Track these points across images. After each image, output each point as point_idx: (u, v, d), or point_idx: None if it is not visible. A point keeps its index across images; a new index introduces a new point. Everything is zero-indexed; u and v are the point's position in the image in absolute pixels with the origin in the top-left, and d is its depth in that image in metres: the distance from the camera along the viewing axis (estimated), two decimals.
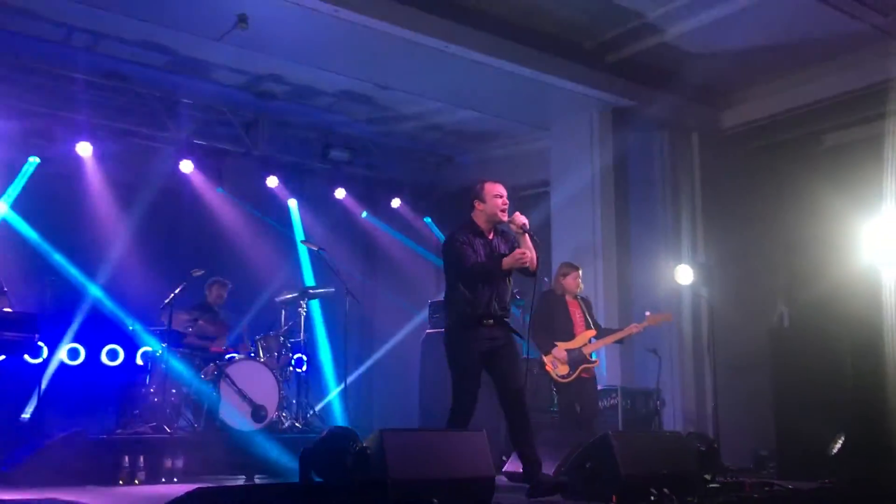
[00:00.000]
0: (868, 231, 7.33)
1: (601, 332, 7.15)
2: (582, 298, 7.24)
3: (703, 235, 9.48)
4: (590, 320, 7.11)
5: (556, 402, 7.42)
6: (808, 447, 6.66)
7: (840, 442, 6.30)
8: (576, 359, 6.88)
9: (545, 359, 6.94)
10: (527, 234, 5.17)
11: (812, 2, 7.23)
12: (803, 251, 9.03)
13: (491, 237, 5.33)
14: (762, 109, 9.55)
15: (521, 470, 5.55)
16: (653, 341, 8.53)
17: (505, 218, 5.25)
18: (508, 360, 5.19)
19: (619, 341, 7.34)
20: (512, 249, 5.25)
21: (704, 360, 8.90)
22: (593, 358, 6.98)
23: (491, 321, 5.13)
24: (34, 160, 8.68)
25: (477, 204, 5.31)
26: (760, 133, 9.80)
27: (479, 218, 5.30)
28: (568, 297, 7.12)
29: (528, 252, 5.11)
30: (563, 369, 6.87)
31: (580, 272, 7.22)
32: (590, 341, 6.99)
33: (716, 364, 7.87)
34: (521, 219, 5.20)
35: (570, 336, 6.94)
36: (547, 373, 6.97)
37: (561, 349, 6.88)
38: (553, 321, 6.99)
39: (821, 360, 6.84)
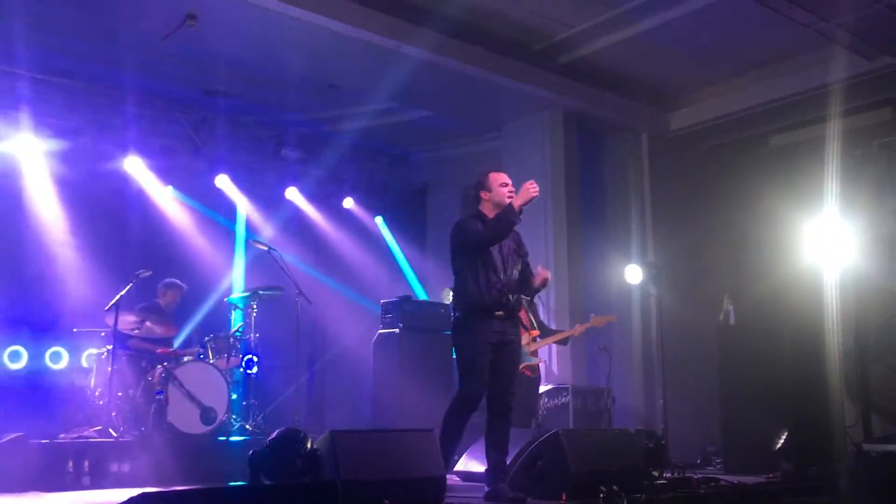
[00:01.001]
0: (811, 230, 7.51)
1: (544, 332, 7.34)
2: (526, 300, 7.26)
3: (653, 235, 9.62)
4: (534, 321, 7.26)
5: None
6: (753, 442, 6.81)
7: (783, 437, 6.44)
8: None
9: None
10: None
11: (757, 6, 7.37)
12: (749, 250, 9.23)
13: None
14: (710, 111, 9.73)
15: (482, 469, 5.60)
16: (603, 339, 8.63)
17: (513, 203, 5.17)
18: (511, 362, 5.20)
19: (563, 342, 7.56)
20: (519, 244, 5.40)
21: (654, 358, 9.03)
22: (535, 358, 7.13)
23: (502, 313, 5.12)
24: None
25: (483, 194, 5.30)
26: (708, 134, 9.98)
27: (487, 207, 5.28)
28: None
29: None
30: None
31: None
32: (533, 341, 7.15)
33: (664, 361, 8.00)
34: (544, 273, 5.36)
35: None
36: None
37: None
38: None
39: (765, 356, 7.00)
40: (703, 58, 8.73)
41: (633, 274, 8.46)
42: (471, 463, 6.47)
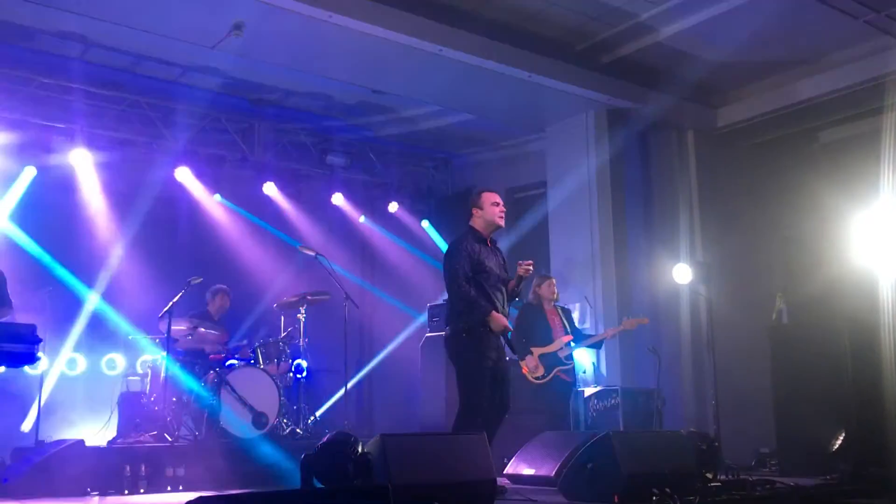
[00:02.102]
0: (863, 227, 7.35)
1: (578, 337, 7.60)
2: (560, 307, 7.78)
3: (701, 234, 9.49)
4: (567, 327, 7.56)
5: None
6: (808, 444, 6.67)
7: (840, 438, 6.30)
8: (551, 362, 7.36)
9: (521, 363, 7.43)
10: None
11: None
12: (800, 248, 9.05)
13: (489, 244, 5.63)
14: (757, 107, 9.58)
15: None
16: (653, 340, 8.55)
17: (502, 223, 5.63)
18: (506, 376, 5.53)
19: (597, 345, 7.82)
20: (504, 261, 5.74)
21: (704, 359, 8.90)
22: (569, 362, 7.41)
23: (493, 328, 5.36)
24: (31, 170, 8.67)
25: (475, 211, 5.61)
26: (756, 131, 9.82)
27: (478, 224, 5.61)
28: (546, 306, 7.64)
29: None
30: (538, 371, 7.35)
31: (554, 281, 7.75)
32: (567, 346, 7.42)
33: (715, 362, 7.89)
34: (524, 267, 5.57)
35: (550, 341, 7.44)
36: (524, 376, 7.42)
37: (535, 354, 7.38)
38: (532, 329, 7.50)
39: (819, 356, 6.86)
40: (749, 53, 8.59)
41: (682, 273, 8.36)
42: (520, 466, 6.45)
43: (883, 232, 7.13)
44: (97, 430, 7.61)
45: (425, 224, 11.31)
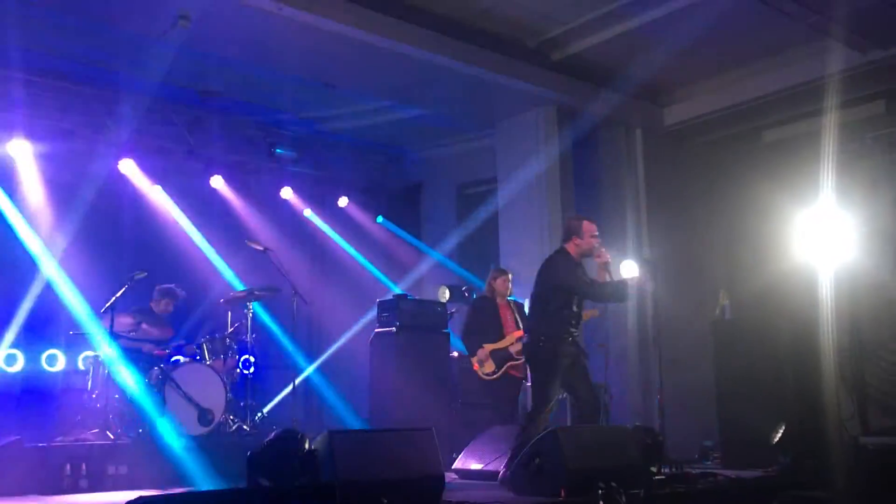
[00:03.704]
0: (805, 225, 7.52)
1: None
2: (514, 301, 7.77)
3: (648, 231, 9.63)
4: (519, 322, 7.54)
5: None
6: (750, 437, 6.82)
7: (780, 431, 6.45)
8: (502, 357, 7.36)
9: (472, 359, 7.47)
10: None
11: (749, 1, 7.37)
12: (744, 245, 9.24)
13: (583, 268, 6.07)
14: (703, 106, 9.73)
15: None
16: (600, 336, 8.65)
17: (596, 257, 6.01)
18: (584, 373, 5.95)
19: None
20: None
21: (650, 354, 9.04)
22: (520, 357, 7.33)
23: (572, 338, 5.88)
24: None
25: (576, 240, 5.99)
26: (702, 129, 9.98)
27: (574, 250, 6.00)
28: (499, 301, 7.67)
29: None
30: (489, 367, 7.37)
31: (510, 276, 7.79)
32: (518, 341, 7.35)
33: (661, 357, 8.01)
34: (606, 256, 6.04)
35: (501, 337, 7.44)
36: (475, 371, 7.46)
37: (486, 349, 7.39)
38: (483, 324, 7.53)
39: (761, 351, 7.01)
40: (695, 52, 8.72)
41: (629, 269, 8.46)
42: (469, 461, 6.48)
43: (823, 230, 7.31)
44: (37, 428, 7.41)
45: (379, 220, 11.26)
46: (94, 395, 7.32)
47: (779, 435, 6.46)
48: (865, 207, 7.47)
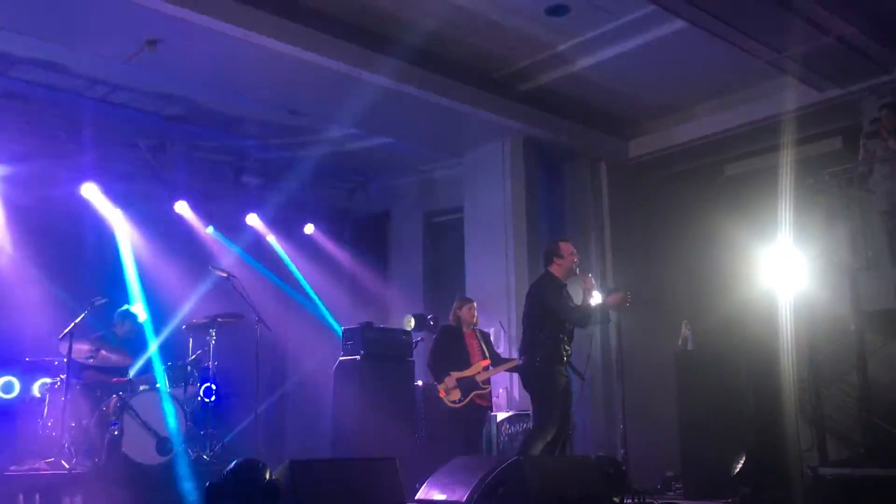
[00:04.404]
0: (765, 258, 7.65)
1: (496, 362, 7.64)
2: (479, 330, 7.84)
3: (612, 261, 9.73)
4: (486, 350, 7.61)
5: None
6: (711, 467, 6.86)
7: (741, 461, 6.50)
8: (468, 386, 7.36)
9: (439, 386, 7.47)
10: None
11: (711, 38, 7.55)
12: (706, 277, 9.36)
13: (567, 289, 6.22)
14: (666, 140, 9.91)
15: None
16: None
17: (577, 274, 6.20)
18: (569, 401, 6.10)
19: (515, 369, 7.74)
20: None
21: (613, 384, 9.08)
22: (486, 386, 7.46)
23: (567, 358, 6.07)
24: None
25: (557, 261, 6.20)
26: (665, 162, 10.15)
27: (558, 272, 6.20)
28: (465, 329, 7.70)
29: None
30: (455, 395, 7.37)
31: (474, 304, 7.85)
32: (485, 370, 7.46)
33: (624, 388, 8.04)
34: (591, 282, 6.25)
35: (467, 365, 7.45)
36: (440, 400, 7.47)
37: (452, 377, 7.39)
38: (450, 352, 7.54)
39: (722, 382, 7.08)
40: (658, 87, 8.91)
41: (593, 300, 8.51)
42: (432, 491, 6.42)
43: (782, 263, 7.43)
44: None
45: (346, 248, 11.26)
46: (49, 424, 7.16)
47: (739, 466, 6.51)
48: (823, 241, 7.62)
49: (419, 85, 8.21)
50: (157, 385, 7.55)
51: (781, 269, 7.44)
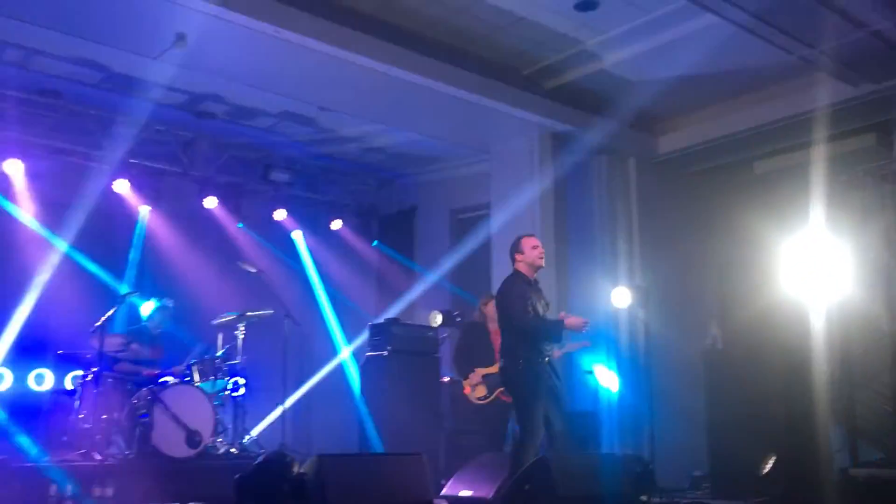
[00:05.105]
0: (796, 256, 7.55)
1: None
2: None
3: (640, 259, 9.64)
4: None
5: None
6: (740, 467, 6.80)
7: (771, 461, 6.44)
8: (493, 382, 7.25)
9: (464, 383, 7.47)
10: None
11: (743, 33, 7.46)
12: (735, 275, 9.25)
13: (533, 283, 6.10)
14: (696, 136, 9.80)
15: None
16: (591, 363, 8.63)
17: (543, 264, 6.12)
18: (559, 398, 5.92)
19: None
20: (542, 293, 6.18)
21: (640, 382, 9.02)
22: None
23: (548, 358, 5.92)
24: None
25: (518, 256, 6.10)
26: (695, 159, 10.04)
27: (522, 267, 6.09)
28: (490, 326, 7.57)
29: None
30: (480, 391, 7.35)
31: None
32: None
33: (652, 386, 8.00)
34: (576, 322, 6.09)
35: (492, 362, 7.29)
36: (466, 396, 7.46)
37: (478, 374, 7.38)
38: (475, 348, 7.53)
39: (752, 381, 7.01)
40: (689, 83, 8.81)
41: (621, 297, 8.48)
42: (458, 487, 6.44)
43: (814, 262, 7.33)
44: (23, 448, 7.34)
45: (375, 244, 11.28)
46: (81, 416, 7.27)
47: (769, 466, 6.45)
48: (856, 239, 7.50)
49: (447, 81, 8.19)
50: (187, 379, 7.63)
51: (813, 268, 7.34)
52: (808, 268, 7.38)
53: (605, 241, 9.72)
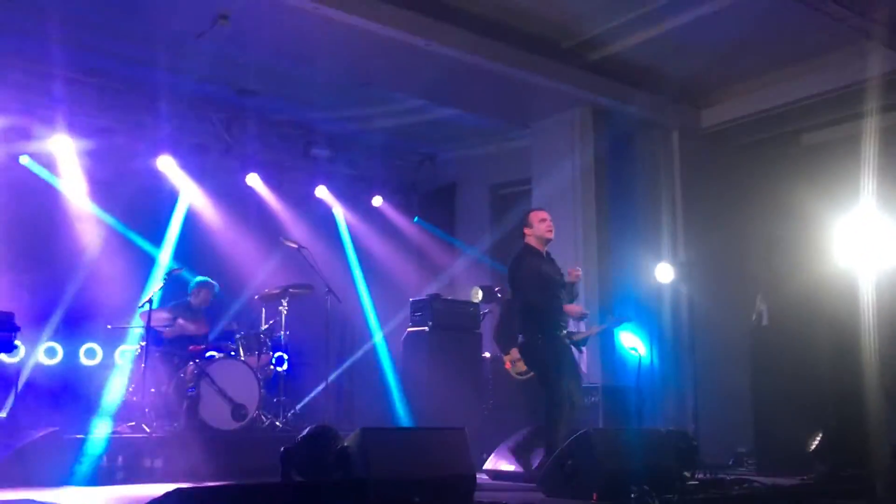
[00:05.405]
0: (845, 229, 7.40)
1: None
2: None
3: (684, 233, 9.53)
4: None
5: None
6: (786, 444, 6.72)
7: (818, 438, 6.35)
8: None
9: (505, 358, 7.49)
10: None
11: (790, 2, 7.28)
12: (782, 249, 9.10)
13: (545, 256, 6.17)
14: (741, 108, 9.62)
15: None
16: (633, 339, 8.58)
17: (552, 236, 6.16)
18: (578, 373, 6.07)
19: (580, 343, 7.59)
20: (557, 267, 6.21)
21: (684, 358, 8.95)
22: None
23: (565, 330, 6.00)
24: (24, 158, 8.59)
25: (526, 230, 6.19)
26: (740, 132, 9.87)
27: (532, 241, 6.17)
28: None
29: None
30: (521, 366, 7.26)
31: None
32: None
33: (696, 361, 7.94)
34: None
35: None
36: (507, 372, 7.47)
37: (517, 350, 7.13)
38: (515, 324, 7.26)
39: (799, 357, 6.91)
40: (734, 54, 8.63)
41: (664, 273, 8.40)
42: (500, 462, 6.47)
43: (864, 235, 7.18)
44: (74, 420, 7.53)
45: (415, 221, 11.30)
46: (130, 389, 7.42)
47: (816, 442, 6.36)
48: None
49: (488, 55, 8.13)
50: (232, 353, 7.75)
51: (863, 242, 7.20)
52: (857, 241, 7.24)
53: (647, 215, 9.62)
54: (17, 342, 4.98)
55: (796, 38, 8.27)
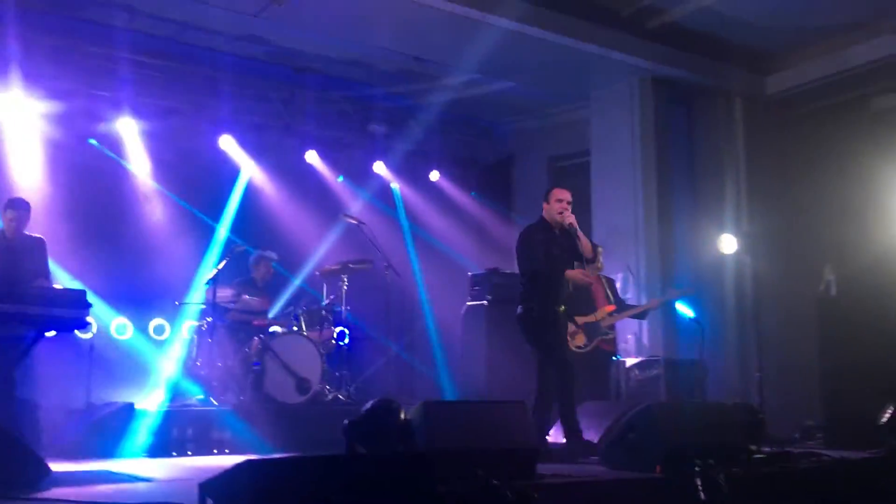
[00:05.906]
0: None
1: (621, 308, 7.56)
2: (605, 277, 7.72)
3: (748, 204, 9.33)
4: (610, 296, 7.53)
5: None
6: (855, 417, 6.57)
7: (889, 412, 6.18)
8: (592, 331, 7.30)
9: None
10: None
11: None
12: (851, 218, 8.84)
13: (557, 232, 6.11)
14: (807, 73, 9.34)
15: (562, 442, 5.87)
16: (696, 311, 8.45)
17: (562, 220, 6.06)
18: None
19: (641, 315, 7.74)
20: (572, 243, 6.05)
21: (748, 330, 8.79)
22: (610, 332, 7.38)
23: (563, 307, 6.00)
24: (92, 142, 8.83)
25: (545, 205, 6.17)
26: (806, 98, 9.58)
27: (546, 216, 6.17)
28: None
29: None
30: (580, 340, 7.29)
31: (601, 250, 7.57)
32: (609, 315, 7.39)
33: (760, 333, 7.79)
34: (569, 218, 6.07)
35: (592, 311, 7.38)
36: None
37: (578, 322, 7.30)
38: (575, 298, 7.26)
39: (869, 329, 6.73)
40: (799, 17, 8.37)
41: (728, 243, 8.25)
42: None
43: None
44: (145, 394, 7.78)
45: (473, 195, 11.29)
46: (198, 363, 7.62)
47: (887, 416, 6.19)
48: None
49: (544, 26, 8.04)
50: (295, 328, 7.88)
51: None
52: None
53: (710, 186, 9.44)
54: (89, 319, 5.12)
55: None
